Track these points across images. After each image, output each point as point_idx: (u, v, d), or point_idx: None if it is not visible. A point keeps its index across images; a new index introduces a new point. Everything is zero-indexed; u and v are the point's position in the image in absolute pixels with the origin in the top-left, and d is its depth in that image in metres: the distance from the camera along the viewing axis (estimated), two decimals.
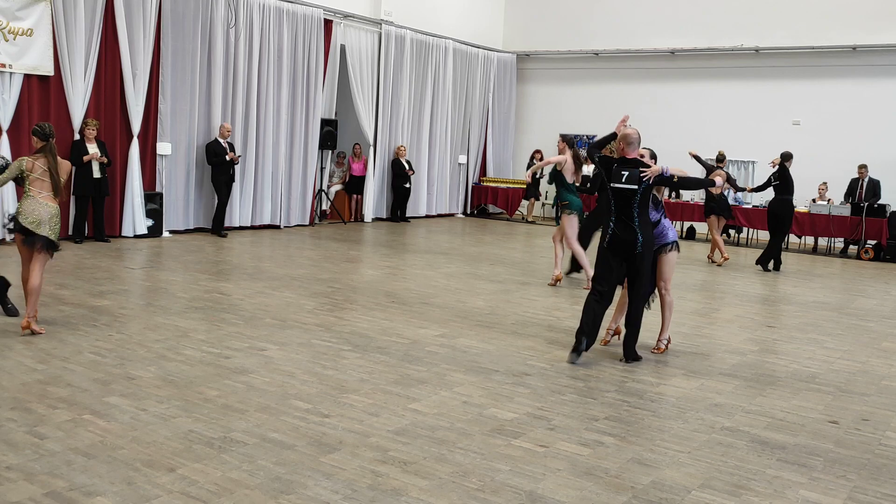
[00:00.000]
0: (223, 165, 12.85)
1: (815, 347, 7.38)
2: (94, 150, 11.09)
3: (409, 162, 17.05)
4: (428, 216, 18.18)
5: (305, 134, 14.84)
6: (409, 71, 17.03)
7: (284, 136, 14.40)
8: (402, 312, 7.90)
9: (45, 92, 11.02)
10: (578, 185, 9.86)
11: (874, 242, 14.59)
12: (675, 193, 16.73)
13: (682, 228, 17.13)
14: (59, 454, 4.06)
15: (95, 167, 11.14)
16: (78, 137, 11.20)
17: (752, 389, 5.90)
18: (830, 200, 15.26)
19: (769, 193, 12.88)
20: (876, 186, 14.96)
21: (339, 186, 16.65)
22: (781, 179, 12.27)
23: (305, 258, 11.16)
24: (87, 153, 11.02)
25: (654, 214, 6.76)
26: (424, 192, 17.97)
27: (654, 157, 6.96)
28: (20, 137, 10.55)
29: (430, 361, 6.17)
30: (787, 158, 12.28)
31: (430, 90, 17.75)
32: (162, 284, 8.72)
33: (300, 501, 3.69)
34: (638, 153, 6.53)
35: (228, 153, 12.85)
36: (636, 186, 6.29)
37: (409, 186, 17.09)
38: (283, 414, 4.83)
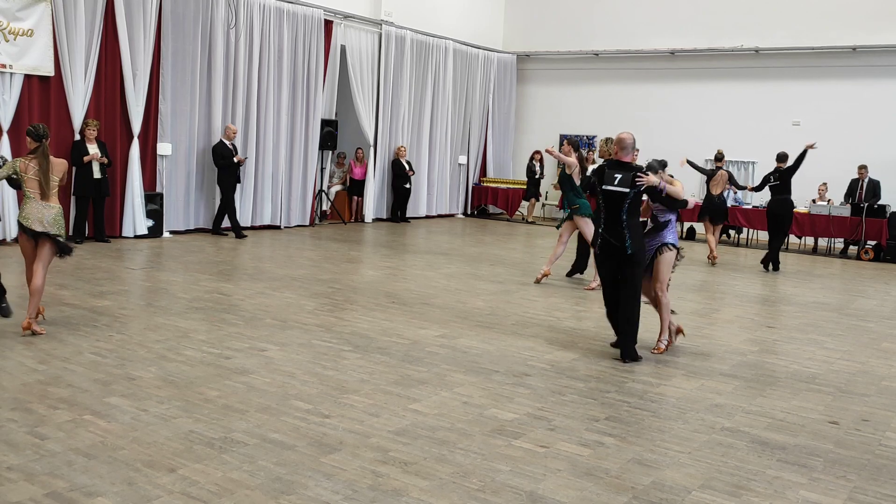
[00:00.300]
0: (231, 167, 12.85)
1: (815, 348, 7.38)
2: (94, 150, 11.09)
3: (409, 162, 17.05)
4: (428, 217, 18.18)
5: (306, 134, 14.84)
6: (409, 71, 17.03)
7: (285, 136, 14.41)
8: (402, 313, 7.90)
9: (45, 92, 11.02)
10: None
11: (874, 243, 14.59)
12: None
13: (682, 229, 17.14)
14: (59, 455, 4.06)
15: (96, 167, 11.15)
16: (78, 138, 11.20)
17: (752, 390, 5.91)
18: (830, 201, 15.26)
19: (767, 193, 12.87)
20: (876, 187, 14.96)
21: (339, 187, 16.66)
22: (781, 180, 12.26)
23: (306, 259, 11.16)
24: (87, 154, 11.02)
25: (666, 215, 6.81)
26: (424, 192, 17.98)
27: (664, 166, 6.94)
28: (20, 138, 10.54)
29: (430, 362, 6.17)
30: (783, 159, 12.27)
31: (430, 91, 17.76)
32: (162, 285, 8.72)
33: (301, 502, 3.69)
34: (632, 157, 6.57)
35: (236, 156, 12.87)
36: (627, 190, 6.32)
37: (409, 187, 17.10)
38: (283, 414, 4.83)
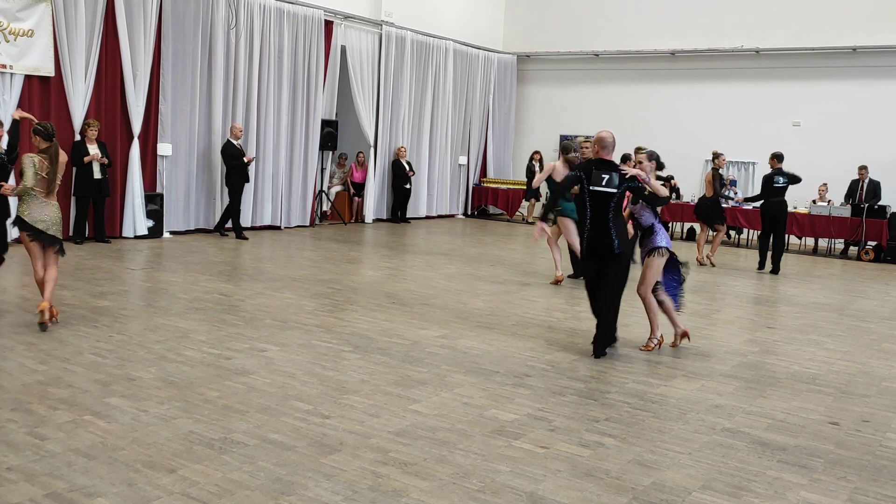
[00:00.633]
0: (241, 167, 12.86)
1: (815, 349, 7.37)
2: (94, 150, 11.09)
3: (409, 163, 17.05)
4: (428, 217, 18.18)
5: (306, 135, 14.84)
6: (409, 72, 17.03)
7: (285, 136, 14.41)
8: (402, 313, 7.90)
9: (45, 93, 11.02)
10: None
11: (874, 244, 14.58)
12: (675, 195, 16.72)
13: (682, 230, 17.14)
14: (59, 455, 4.06)
15: (96, 168, 11.15)
16: (79, 138, 11.20)
17: (752, 391, 5.90)
18: (831, 201, 15.25)
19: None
20: (876, 187, 14.95)
21: (339, 187, 16.66)
22: (791, 181, 12.07)
23: (306, 259, 11.16)
24: (87, 154, 11.02)
25: (648, 218, 6.78)
26: (425, 193, 17.98)
27: (653, 158, 6.95)
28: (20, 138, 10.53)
29: (430, 362, 6.17)
30: (782, 159, 12.11)
31: (430, 91, 17.76)
32: (162, 285, 8.72)
33: (301, 502, 3.69)
34: (611, 157, 6.54)
35: (246, 156, 12.91)
36: (615, 190, 6.35)
37: (409, 187, 17.10)
38: (283, 415, 4.83)
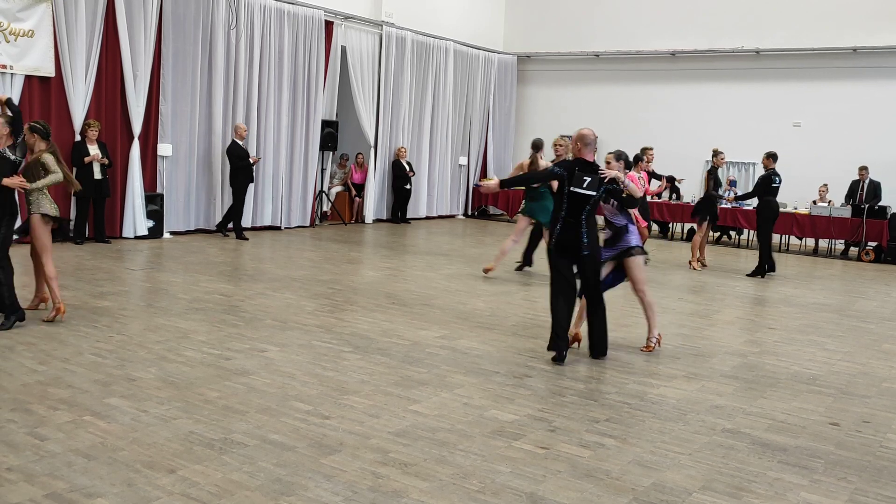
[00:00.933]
0: (247, 168, 12.86)
1: (815, 349, 7.37)
2: (95, 151, 11.09)
3: (409, 163, 17.06)
4: (428, 217, 18.18)
5: (306, 135, 14.84)
6: (409, 72, 17.03)
7: (285, 137, 14.41)
8: (402, 314, 7.90)
9: (45, 93, 11.02)
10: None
11: (875, 244, 14.58)
12: (675, 195, 16.74)
13: (682, 230, 17.14)
14: (59, 455, 4.06)
15: (96, 168, 11.15)
16: (79, 139, 11.21)
17: (752, 391, 5.90)
18: (831, 202, 15.25)
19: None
20: (877, 188, 14.95)
21: (340, 188, 16.66)
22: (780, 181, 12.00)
23: (306, 259, 11.16)
24: (88, 154, 11.02)
25: (620, 220, 6.76)
26: (425, 193, 17.98)
27: (621, 158, 6.85)
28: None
29: (430, 363, 6.16)
30: (777, 159, 11.82)
31: (430, 92, 17.76)
32: (162, 285, 8.72)
33: (300, 503, 3.69)
34: (592, 156, 6.46)
35: (252, 157, 12.91)
36: (594, 193, 6.29)
37: (409, 188, 17.10)
38: (283, 415, 4.83)
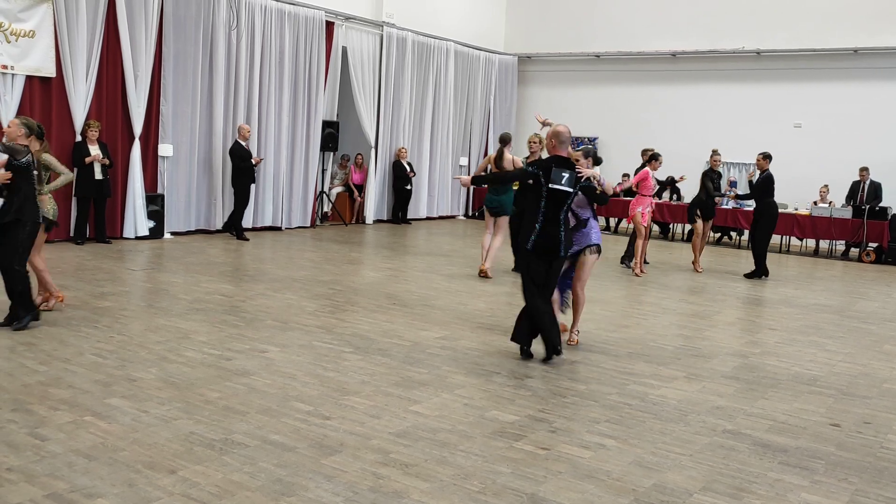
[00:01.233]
0: (249, 168, 12.87)
1: (816, 350, 7.37)
2: (95, 151, 11.10)
3: (410, 164, 17.06)
4: (429, 218, 18.18)
5: (307, 136, 14.85)
6: (410, 73, 17.04)
7: (286, 137, 14.41)
8: (403, 314, 7.90)
9: (46, 93, 11.02)
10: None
11: (875, 245, 14.57)
12: (676, 196, 16.74)
13: (683, 231, 17.13)
14: (60, 456, 4.06)
15: (97, 169, 11.15)
16: (80, 139, 11.21)
17: (753, 392, 5.90)
18: (832, 203, 15.25)
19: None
20: (877, 189, 14.95)
21: (340, 188, 16.66)
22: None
23: (307, 260, 11.16)
24: (89, 155, 11.02)
25: (585, 213, 6.73)
26: (425, 194, 17.98)
27: (589, 156, 6.81)
28: None
29: (431, 364, 6.16)
30: (771, 159, 11.67)
31: (431, 92, 17.76)
32: (163, 286, 8.72)
33: (301, 503, 3.69)
34: (567, 152, 6.40)
35: (254, 157, 12.92)
36: (571, 190, 6.24)
37: (410, 188, 17.10)
38: (284, 416, 4.82)
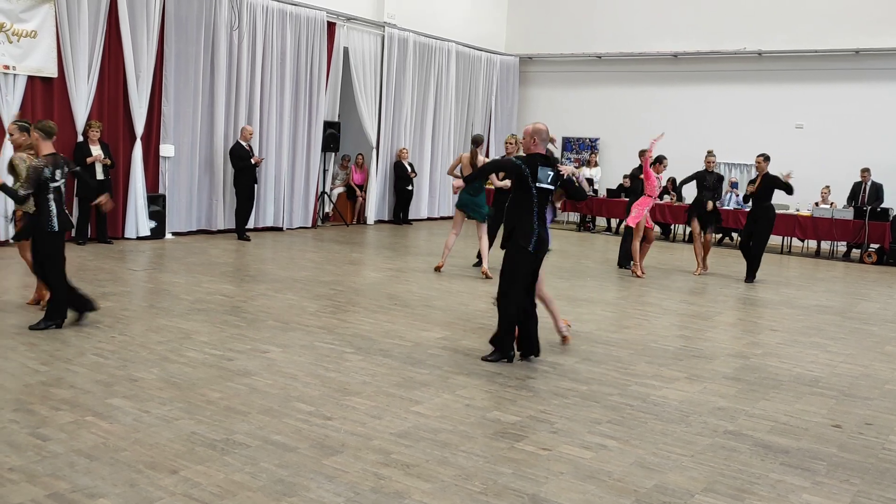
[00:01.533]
0: (248, 169, 12.87)
1: (817, 351, 7.36)
2: (97, 151, 11.10)
3: (411, 164, 17.06)
4: (430, 219, 18.18)
5: (308, 136, 14.85)
6: (411, 73, 17.05)
7: (287, 138, 14.42)
8: (404, 315, 7.90)
9: (48, 93, 11.03)
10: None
11: (877, 246, 14.56)
12: (678, 197, 16.72)
13: (684, 232, 17.12)
14: (61, 456, 4.06)
15: (99, 169, 11.15)
16: (81, 139, 11.22)
17: (754, 393, 5.89)
18: (833, 204, 15.24)
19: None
20: (879, 190, 14.94)
21: (341, 189, 16.67)
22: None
23: (308, 260, 11.16)
24: (90, 155, 11.03)
25: (550, 214, 6.75)
26: (427, 194, 17.98)
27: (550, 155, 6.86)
28: None
29: (432, 364, 6.16)
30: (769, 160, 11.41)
31: (432, 93, 17.77)
32: (164, 286, 8.72)
33: None
34: (547, 151, 6.43)
35: (254, 157, 12.90)
36: (553, 187, 6.27)
37: (411, 189, 17.10)
38: (285, 416, 4.82)
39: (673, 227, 17.12)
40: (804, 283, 11.80)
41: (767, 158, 11.41)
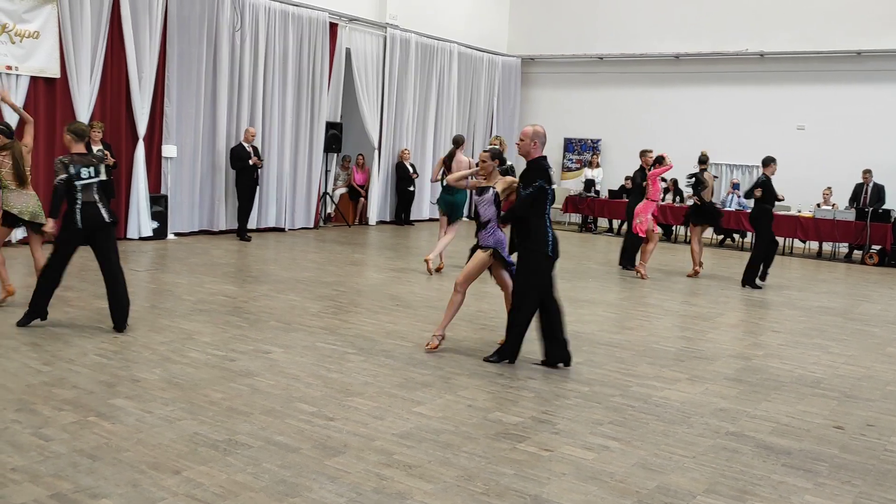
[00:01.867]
0: (247, 170, 12.88)
1: (819, 352, 7.36)
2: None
3: (413, 165, 17.07)
4: (432, 219, 18.18)
5: (310, 137, 14.86)
6: (413, 74, 17.06)
7: (289, 138, 14.43)
8: (406, 316, 7.90)
9: (51, 94, 11.05)
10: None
11: (878, 247, 14.56)
12: (678, 198, 16.73)
13: (685, 233, 17.11)
14: (64, 456, 4.07)
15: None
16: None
17: (756, 394, 5.90)
18: (835, 205, 15.24)
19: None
20: (880, 191, 14.94)
21: (343, 189, 16.68)
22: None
23: (310, 261, 11.17)
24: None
25: (491, 212, 6.73)
26: (428, 195, 17.98)
27: (496, 157, 6.85)
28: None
29: (434, 365, 6.17)
30: (767, 163, 11.31)
31: (434, 94, 17.78)
32: (167, 287, 8.73)
33: None
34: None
35: (252, 158, 12.92)
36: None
37: (413, 190, 17.11)
38: (287, 417, 4.83)
39: (674, 228, 17.11)
40: (806, 284, 11.80)
41: (773, 161, 11.20)
